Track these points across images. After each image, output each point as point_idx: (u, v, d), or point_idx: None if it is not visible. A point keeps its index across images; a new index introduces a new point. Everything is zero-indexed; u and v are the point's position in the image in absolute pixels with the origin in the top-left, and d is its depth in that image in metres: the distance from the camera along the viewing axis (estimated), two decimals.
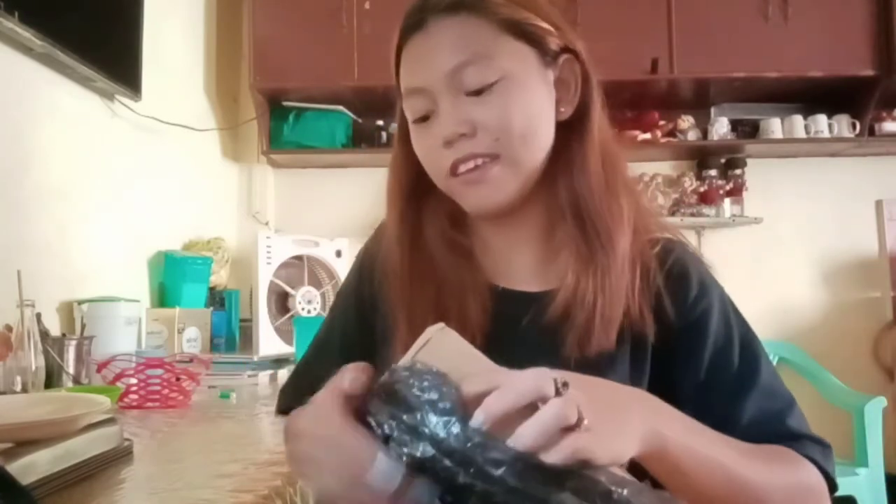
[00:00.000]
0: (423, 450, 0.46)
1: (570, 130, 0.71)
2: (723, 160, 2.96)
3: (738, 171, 2.94)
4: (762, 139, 2.87)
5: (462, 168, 0.67)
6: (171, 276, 2.19)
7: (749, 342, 0.71)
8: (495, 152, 0.67)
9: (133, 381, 1.34)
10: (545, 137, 0.69)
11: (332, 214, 2.87)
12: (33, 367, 1.30)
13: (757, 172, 2.95)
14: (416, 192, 0.75)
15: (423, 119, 0.69)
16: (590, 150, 0.70)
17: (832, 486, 0.66)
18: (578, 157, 0.70)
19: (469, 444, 0.46)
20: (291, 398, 0.86)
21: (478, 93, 0.66)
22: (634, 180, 0.78)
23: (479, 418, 0.46)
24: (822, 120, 2.81)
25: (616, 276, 0.68)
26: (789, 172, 2.99)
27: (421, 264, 0.74)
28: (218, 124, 2.78)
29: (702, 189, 2.93)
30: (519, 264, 0.75)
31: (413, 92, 0.69)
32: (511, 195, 0.69)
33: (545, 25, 0.69)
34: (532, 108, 0.68)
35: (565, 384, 0.48)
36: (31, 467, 0.68)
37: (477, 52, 0.66)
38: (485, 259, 0.76)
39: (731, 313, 0.73)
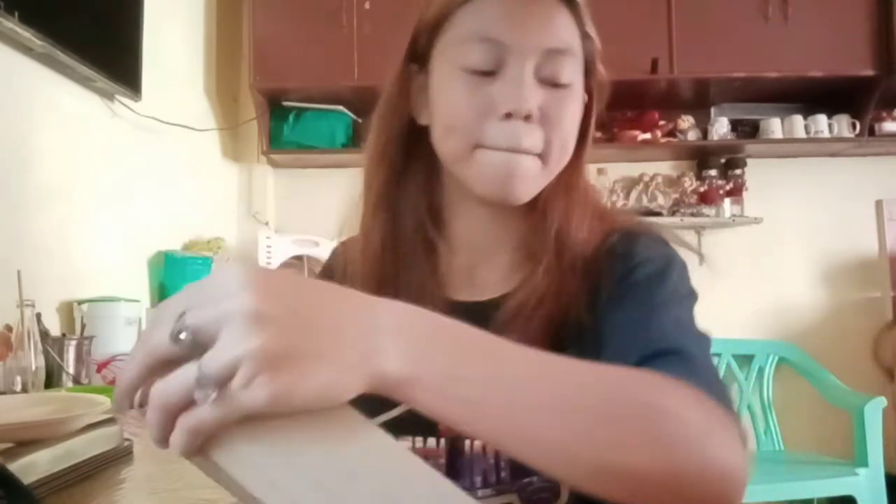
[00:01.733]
0: None
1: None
2: (723, 160, 2.96)
3: (738, 171, 2.94)
4: (762, 139, 2.87)
5: (505, 147, 0.62)
6: (171, 276, 2.19)
7: (671, 286, 0.62)
8: (539, 151, 0.63)
9: None
10: (567, 159, 0.68)
11: (332, 214, 2.85)
12: (33, 367, 1.30)
13: (757, 172, 2.95)
14: (402, 156, 0.71)
15: (482, 73, 0.63)
16: (583, 169, 0.70)
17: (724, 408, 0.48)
18: (574, 175, 0.69)
19: None
20: None
21: (553, 86, 0.63)
22: (594, 187, 0.75)
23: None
24: (822, 120, 2.81)
25: (565, 278, 0.65)
26: (789, 172, 2.99)
27: (385, 262, 0.69)
28: (218, 124, 2.78)
29: (702, 189, 2.93)
30: (485, 272, 0.71)
31: (488, 41, 0.62)
32: (531, 196, 0.66)
33: (598, 57, 0.69)
34: (576, 122, 0.67)
35: (181, 331, 0.35)
36: (31, 467, 0.69)
37: (571, 48, 0.64)
38: (449, 259, 0.72)
39: (667, 272, 0.63)
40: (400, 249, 0.70)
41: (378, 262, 0.70)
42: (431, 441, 0.66)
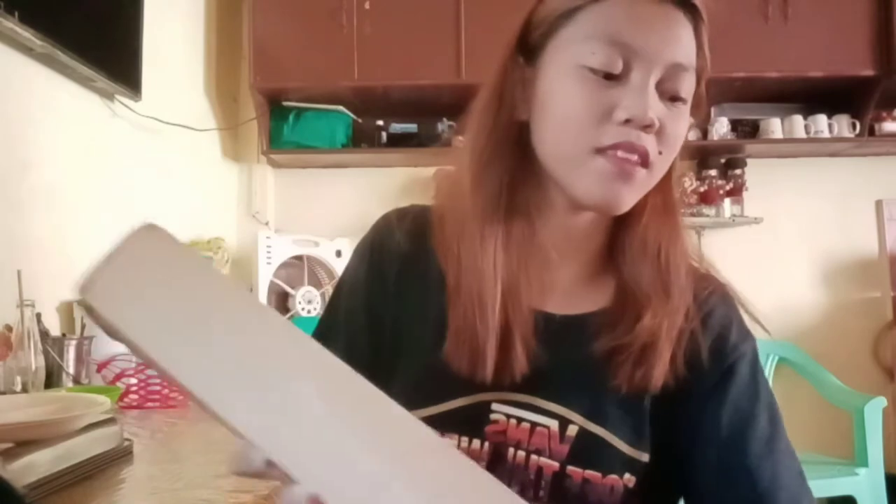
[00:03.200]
0: None
1: None
2: (723, 160, 2.96)
3: (738, 171, 2.94)
4: (762, 139, 2.87)
5: (622, 154, 0.60)
6: None
7: (772, 401, 0.68)
8: (654, 160, 0.62)
9: (133, 381, 1.34)
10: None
11: (332, 214, 2.87)
12: (33, 367, 1.30)
13: (757, 172, 2.95)
14: (515, 159, 0.66)
15: (604, 76, 0.61)
16: (672, 186, 0.69)
17: None
18: (670, 190, 0.69)
19: None
20: None
21: (672, 99, 0.62)
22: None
23: None
24: (822, 120, 2.81)
25: (671, 320, 0.65)
26: (789, 172, 2.99)
27: (501, 253, 0.65)
28: (218, 124, 2.78)
29: (702, 189, 2.93)
30: (557, 278, 0.69)
31: (618, 45, 0.60)
32: (632, 204, 0.64)
33: (706, 73, 0.67)
34: (684, 137, 0.66)
35: None
36: (31, 467, 0.69)
37: (692, 65, 0.63)
38: (528, 266, 0.69)
39: (759, 369, 0.69)
40: (509, 249, 0.66)
41: (497, 260, 0.65)
42: (476, 442, 0.65)
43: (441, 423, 0.62)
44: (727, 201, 2.92)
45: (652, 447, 0.65)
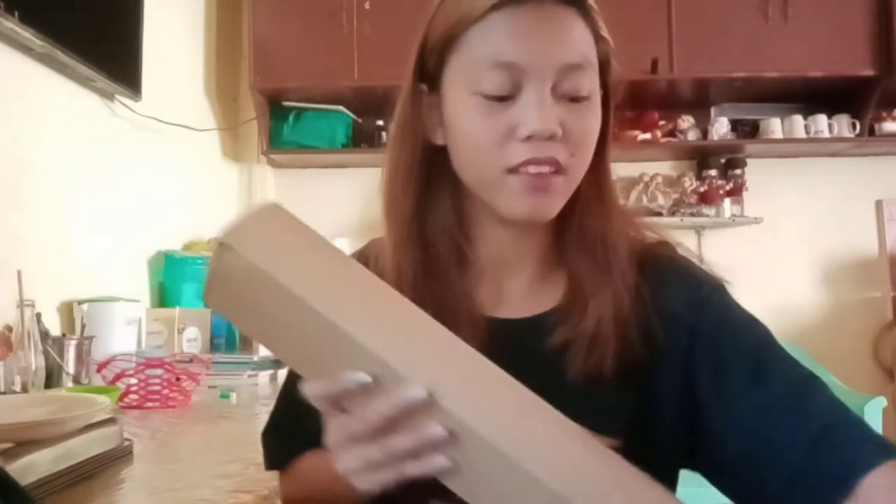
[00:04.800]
0: None
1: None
2: (723, 160, 2.96)
3: (738, 171, 2.94)
4: (762, 139, 2.87)
5: (533, 169, 0.61)
6: (171, 276, 2.19)
7: (756, 324, 0.67)
8: (566, 165, 0.62)
9: (133, 381, 1.34)
10: (588, 165, 0.67)
11: (332, 214, 2.86)
12: (33, 367, 1.30)
13: (757, 172, 2.95)
14: (425, 181, 0.68)
15: (497, 98, 0.61)
16: (609, 170, 0.70)
17: None
18: (603, 178, 0.69)
19: None
20: (280, 450, 0.75)
21: (572, 100, 0.62)
22: (616, 188, 0.73)
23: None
24: (822, 120, 2.81)
25: (618, 297, 0.65)
26: (789, 172, 2.99)
27: (420, 289, 0.66)
28: (218, 124, 2.78)
29: (702, 189, 2.93)
30: (511, 285, 0.70)
31: (503, 66, 0.60)
32: (558, 210, 0.64)
33: (612, 57, 0.68)
34: (597, 131, 0.65)
35: None
36: (31, 467, 0.69)
37: (588, 60, 0.63)
38: (478, 277, 0.70)
39: (729, 309, 0.67)
40: (434, 273, 0.68)
41: (412, 290, 0.66)
42: None
43: None
44: (727, 201, 2.92)
45: (629, 430, 0.60)
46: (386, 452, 0.47)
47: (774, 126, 2.84)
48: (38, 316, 1.40)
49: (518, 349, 0.63)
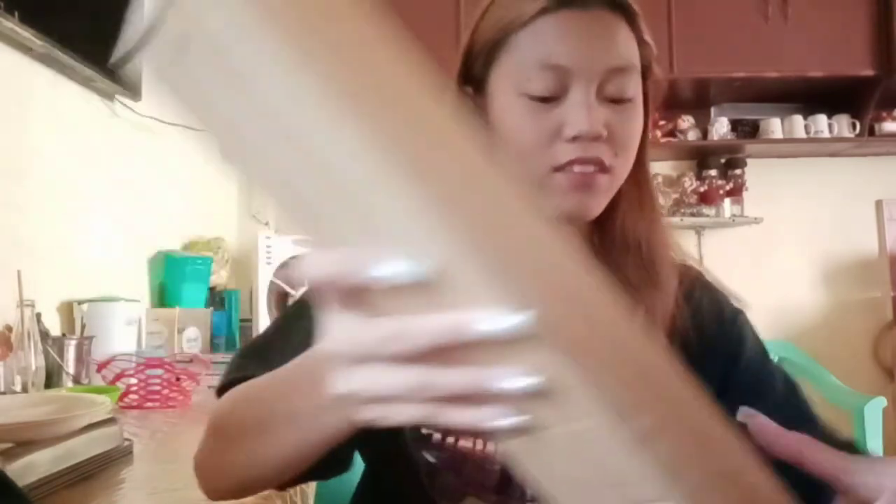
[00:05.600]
0: None
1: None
2: (723, 160, 2.96)
3: (738, 171, 2.94)
4: (762, 139, 2.87)
5: (578, 168, 0.63)
6: (171, 276, 2.19)
7: (779, 367, 0.72)
8: (611, 164, 0.64)
9: (133, 381, 1.34)
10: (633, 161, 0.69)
11: None
12: (33, 367, 1.30)
13: (757, 172, 2.95)
14: None
15: (544, 99, 0.63)
16: (649, 171, 0.72)
17: None
18: (643, 180, 0.71)
19: None
20: (238, 369, 0.66)
21: (616, 102, 0.64)
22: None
23: None
24: (822, 120, 2.81)
25: (664, 308, 0.66)
26: (789, 172, 2.99)
27: None
28: None
29: (702, 189, 2.93)
30: None
31: (551, 68, 0.62)
32: (602, 208, 0.66)
33: (654, 61, 0.70)
34: (640, 132, 0.67)
35: None
36: (31, 467, 0.69)
37: (632, 64, 0.65)
38: None
39: (758, 338, 0.73)
40: None
41: None
42: (490, 446, 0.65)
43: (454, 430, 0.63)
44: (727, 201, 2.92)
45: None
46: (434, 388, 0.32)
47: (774, 126, 2.85)
48: (38, 316, 1.40)
49: None
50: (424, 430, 0.65)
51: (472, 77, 0.68)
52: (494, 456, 0.65)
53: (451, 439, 0.65)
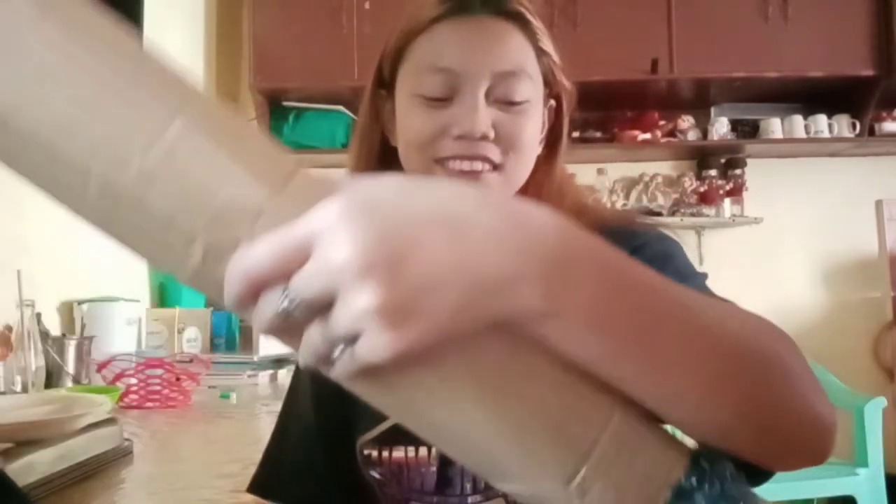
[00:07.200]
0: None
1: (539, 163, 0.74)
2: (723, 160, 2.96)
3: (738, 171, 2.94)
4: (762, 139, 2.87)
5: (464, 166, 0.66)
6: (170, 276, 2.19)
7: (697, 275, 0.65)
8: (501, 163, 0.67)
9: (133, 381, 1.34)
10: (532, 166, 0.71)
11: None
12: (33, 367, 1.30)
13: (757, 172, 2.95)
14: (381, 168, 0.74)
15: (436, 100, 0.67)
16: (555, 171, 0.74)
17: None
18: (546, 177, 0.73)
19: None
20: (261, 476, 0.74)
21: (507, 104, 0.67)
22: (582, 197, 0.77)
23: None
24: (822, 120, 2.81)
25: None
26: (789, 172, 2.99)
27: None
28: None
29: (702, 189, 2.93)
30: None
31: (441, 71, 0.66)
32: None
33: (557, 70, 0.71)
34: (535, 136, 0.70)
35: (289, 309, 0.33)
36: (31, 467, 0.69)
37: (523, 69, 0.67)
38: None
39: (673, 252, 0.66)
40: None
41: None
42: (423, 451, 0.67)
43: (388, 438, 0.67)
44: (727, 201, 2.92)
45: None
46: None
47: (774, 126, 2.85)
48: (38, 316, 1.40)
49: None
50: (366, 451, 0.68)
51: (384, 81, 0.74)
52: (428, 459, 0.67)
53: (385, 453, 0.68)
